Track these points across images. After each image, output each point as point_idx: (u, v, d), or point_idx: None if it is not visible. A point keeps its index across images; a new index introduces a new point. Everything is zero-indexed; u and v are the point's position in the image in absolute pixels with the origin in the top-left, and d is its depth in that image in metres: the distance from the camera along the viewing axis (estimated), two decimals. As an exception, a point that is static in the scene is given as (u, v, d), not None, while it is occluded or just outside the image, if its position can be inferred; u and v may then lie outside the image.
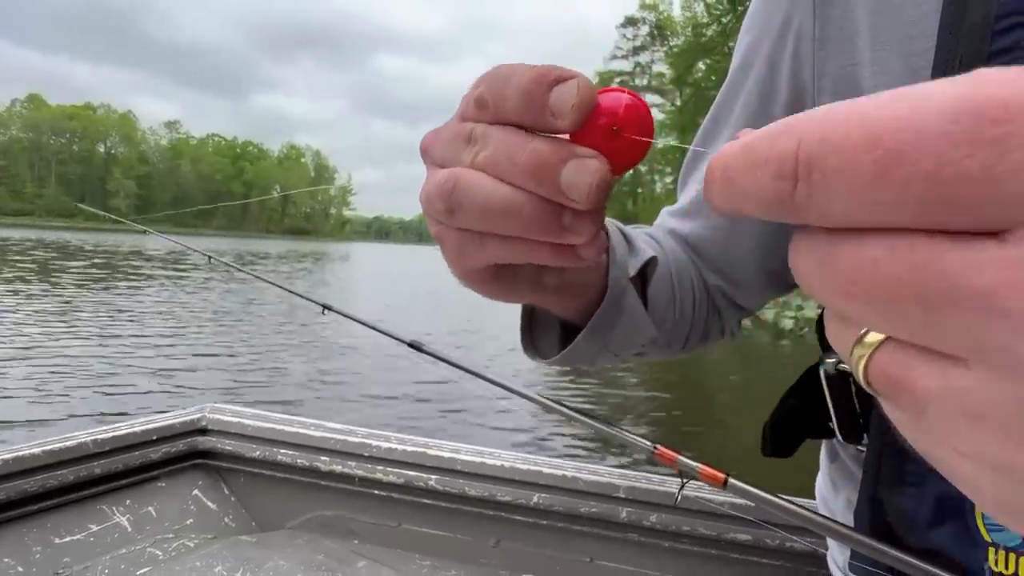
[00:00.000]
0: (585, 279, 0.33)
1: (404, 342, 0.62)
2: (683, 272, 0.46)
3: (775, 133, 0.12)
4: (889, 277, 0.10)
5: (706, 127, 0.47)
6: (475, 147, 0.21)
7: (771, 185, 0.11)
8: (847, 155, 0.10)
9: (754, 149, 0.12)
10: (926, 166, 0.09)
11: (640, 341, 0.40)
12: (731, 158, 0.12)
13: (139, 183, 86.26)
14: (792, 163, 0.11)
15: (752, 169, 0.12)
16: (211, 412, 0.91)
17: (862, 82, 0.36)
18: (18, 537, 0.71)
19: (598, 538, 0.78)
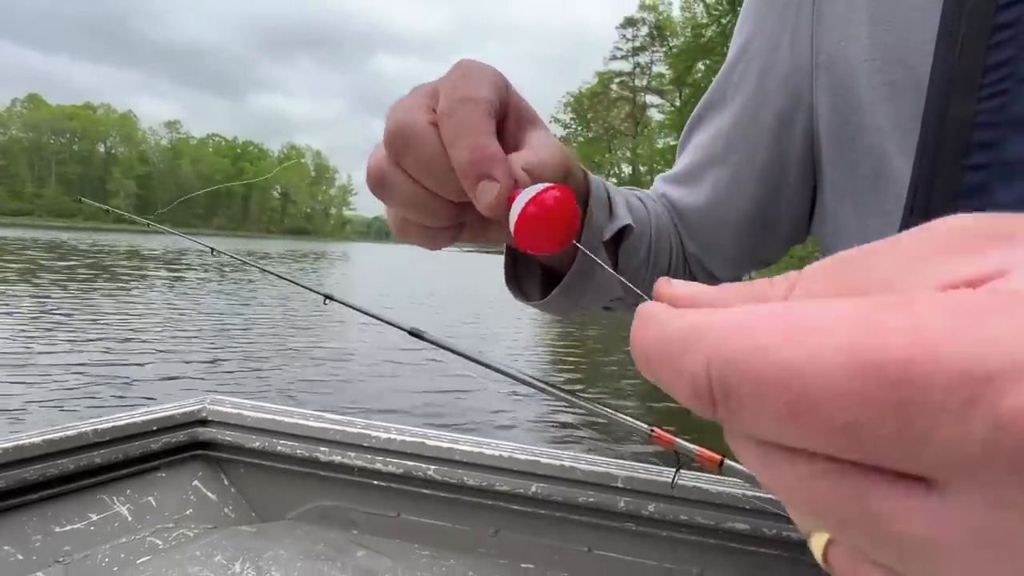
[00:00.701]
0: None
1: (404, 329, 0.63)
2: (663, 237, 0.47)
3: (685, 339, 0.11)
4: (824, 499, 0.10)
5: (707, 99, 0.48)
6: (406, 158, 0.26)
7: (691, 400, 0.11)
8: (758, 392, 0.10)
9: (667, 354, 0.11)
10: (837, 420, 0.09)
11: (607, 299, 0.44)
12: (649, 348, 0.12)
13: (139, 183, 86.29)
14: (706, 385, 0.11)
15: (670, 373, 0.12)
16: (211, 403, 0.92)
17: (854, 58, 0.36)
18: (19, 526, 0.71)
19: (596, 527, 0.78)
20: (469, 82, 0.25)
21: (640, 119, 42.70)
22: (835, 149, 0.39)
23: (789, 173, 0.43)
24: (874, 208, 0.36)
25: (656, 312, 0.13)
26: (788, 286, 0.12)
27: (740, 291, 0.13)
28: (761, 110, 0.42)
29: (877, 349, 0.09)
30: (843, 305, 0.10)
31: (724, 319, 0.11)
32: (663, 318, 0.12)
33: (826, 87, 0.38)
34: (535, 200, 0.23)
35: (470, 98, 0.25)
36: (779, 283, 0.12)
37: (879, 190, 0.36)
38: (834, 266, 0.12)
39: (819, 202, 0.43)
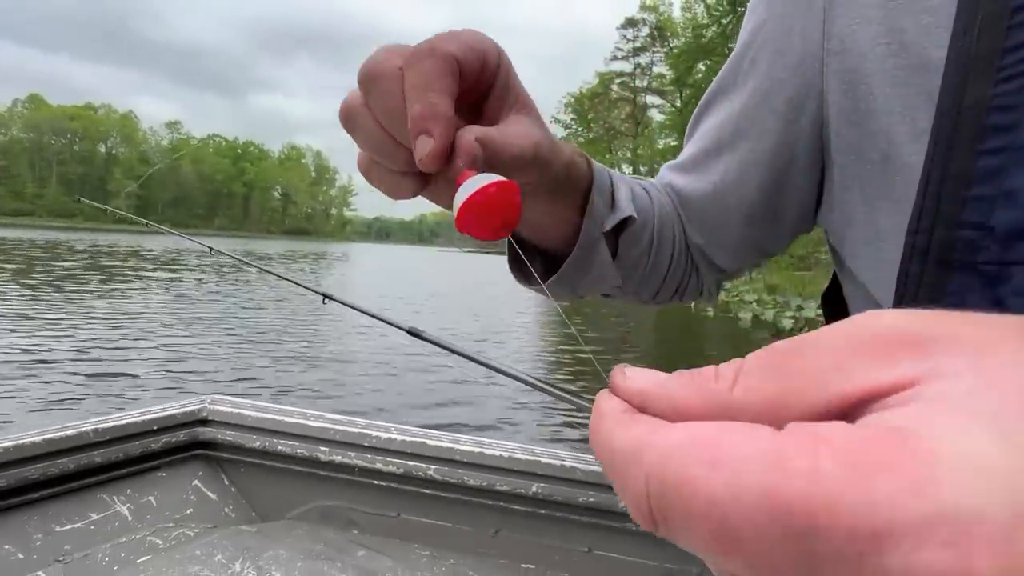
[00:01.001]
0: (555, 223, 0.38)
1: (403, 329, 0.63)
2: (665, 227, 0.47)
3: (627, 457, 0.12)
4: None
5: (716, 86, 0.47)
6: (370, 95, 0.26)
7: (636, 515, 0.12)
8: (688, 520, 0.11)
9: (613, 465, 0.13)
10: (752, 553, 0.10)
11: (604, 288, 0.44)
12: (601, 453, 0.14)
13: (139, 183, 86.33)
14: (646, 505, 0.12)
15: (616, 483, 0.13)
16: (212, 403, 0.92)
17: (865, 42, 0.36)
18: (19, 524, 0.71)
19: (597, 528, 0.78)
20: (445, 40, 0.25)
21: (641, 120, 42.72)
22: (844, 135, 0.38)
23: (797, 160, 0.42)
24: (883, 194, 0.36)
25: (608, 414, 0.14)
26: (732, 379, 0.13)
27: (688, 386, 0.14)
28: (771, 96, 0.42)
29: (784, 496, 0.10)
30: (761, 441, 0.11)
31: (662, 441, 0.12)
32: (612, 426, 0.14)
33: (837, 72, 0.38)
34: (479, 192, 0.24)
35: (436, 52, 0.25)
36: (723, 376, 0.14)
37: (888, 175, 0.35)
38: (770, 361, 0.13)
39: (827, 190, 0.42)
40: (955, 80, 0.29)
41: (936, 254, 0.30)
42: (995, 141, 0.28)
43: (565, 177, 0.35)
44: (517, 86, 0.29)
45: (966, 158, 0.28)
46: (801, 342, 0.13)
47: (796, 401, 0.12)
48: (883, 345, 0.11)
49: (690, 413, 0.13)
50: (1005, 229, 0.28)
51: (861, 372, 0.11)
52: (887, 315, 0.12)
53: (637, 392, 0.15)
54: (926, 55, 0.32)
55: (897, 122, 0.34)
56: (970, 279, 0.29)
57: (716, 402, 0.13)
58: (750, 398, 0.12)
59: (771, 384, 0.12)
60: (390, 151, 0.27)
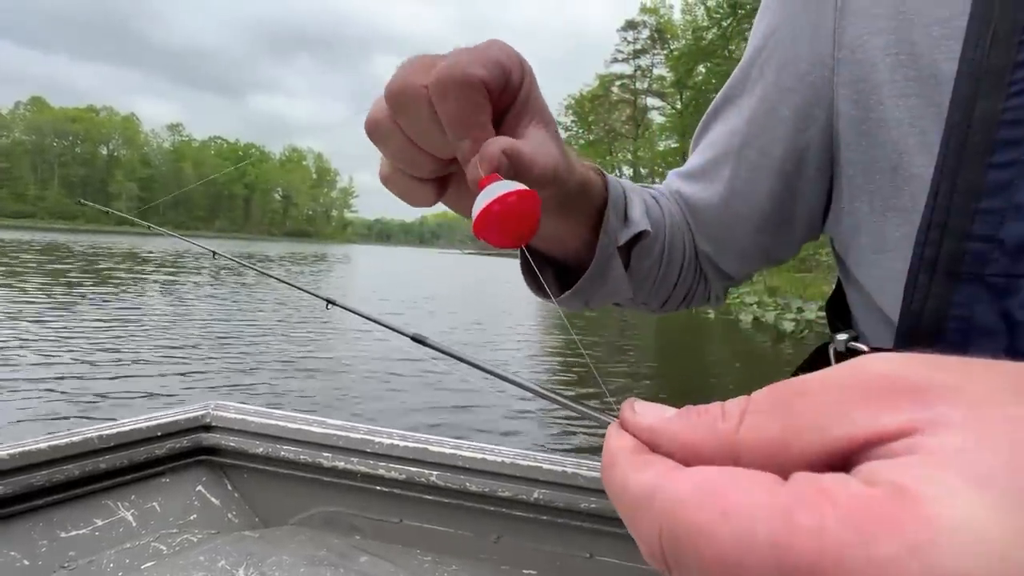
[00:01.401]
0: (567, 237, 0.39)
1: (407, 335, 0.63)
2: (676, 236, 0.47)
3: (640, 502, 0.13)
4: None
5: (724, 94, 0.47)
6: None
7: (649, 558, 0.13)
8: (700, 568, 0.11)
9: (627, 508, 0.14)
10: None
11: (616, 299, 0.45)
12: (614, 493, 0.14)
13: (141, 185, 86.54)
14: (659, 550, 0.12)
15: (630, 525, 0.14)
16: (215, 408, 0.92)
17: (875, 53, 0.36)
18: (24, 531, 0.72)
19: (598, 534, 0.79)
20: (472, 62, 0.25)
21: (641, 122, 42.76)
22: (853, 144, 0.39)
23: (807, 169, 0.42)
24: (891, 205, 0.36)
25: (619, 453, 0.15)
26: (738, 419, 0.14)
27: (696, 425, 0.14)
28: (780, 104, 0.42)
29: (792, 551, 0.10)
30: (769, 493, 0.11)
31: (673, 488, 0.13)
32: (625, 469, 0.14)
33: (847, 81, 0.38)
34: (499, 200, 0.24)
35: (467, 80, 0.25)
36: (730, 415, 0.14)
37: (897, 186, 0.36)
38: (774, 402, 0.14)
39: (834, 199, 0.42)
40: (965, 93, 0.29)
41: (944, 266, 0.30)
42: (1005, 155, 0.28)
43: (579, 194, 0.36)
44: (538, 99, 0.29)
45: (976, 171, 0.29)
46: (804, 384, 0.13)
47: (799, 444, 0.12)
48: (883, 391, 0.12)
49: (698, 452, 0.14)
50: (1014, 242, 0.28)
51: (862, 418, 0.12)
52: (887, 360, 0.12)
53: (646, 429, 0.15)
54: (936, 67, 0.33)
55: (906, 133, 0.34)
56: (978, 291, 0.29)
57: (723, 441, 0.13)
58: (755, 439, 0.13)
59: (775, 425, 0.13)
60: (416, 161, 0.28)
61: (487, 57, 0.26)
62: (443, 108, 0.25)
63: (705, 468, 0.13)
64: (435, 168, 0.29)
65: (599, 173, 0.40)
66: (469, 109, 0.25)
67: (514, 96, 0.28)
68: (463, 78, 0.25)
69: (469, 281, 19.64)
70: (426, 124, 0.26)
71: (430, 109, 0.26)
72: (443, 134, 0.26)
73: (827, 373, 0.13)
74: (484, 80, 0.25)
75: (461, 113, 0.25)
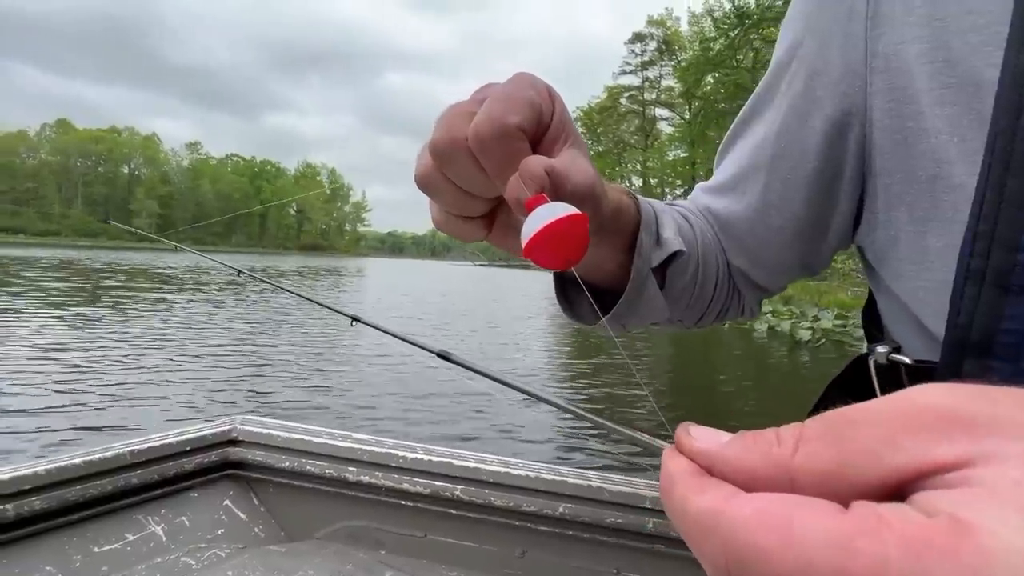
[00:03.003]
0: (601, 260, 0.39)
1: (433, 352, 0.64)
2: (709, 253, 0.47)
3: (704, 526, 0.14)
4: None
5: (751, 106, 0.47)
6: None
7: (715, 573, 0.13)
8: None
9: (690, 532, 0.14)
10: None
11: (653, 319, 0.45)
12: (675, 517, 0.15)
13: (161, 203, 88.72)
14: (724, 571, 0.13)
15: (694, 547, 0.14)
16: (242, 423, 0.93)
17: (911, 61, 0.35)
18: (59, 545, 0.73)
19: (625, 549, 0.78)
20: (507, 109, 0.26)
21: (650, 132, 42.81)
22: (890, 154, 0.38)
23: (841, 178, 0.42)
24: (932, 215, 0.36)
25: (678, 477, 0.15)
26: (793, 445, 0.14)
27: (751, 450, 0.15)
28: (811, 115, 0.42)
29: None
30: (830, 520, 0.12)
31: (735, 512, 0.13)
32: (685, 492, 0.15)
33: (881, 90, 0.38)
34: (553, 224, 0.24)
35: (505, 132, 0.26)
36: (785, 442, 0.15)
37: (936, 196, 0.35)
38: (829, 430, 0.14)
39: (867, 210, 0.41)
40: (1011, 100, 0.29)
41: (993, 278, 0.29)
42: None
43: (613, 218, 0.37)
44: (568, 122, 0.30)
45: (1022, 179, 0.28)
46: (857, 413, 0.14)
47: (853, 472, 0.13)
48: (937, 423, 0.12)
49: (754, 477, 0.14)
50: None
51: (916, 449, 0.12)
52: (938, 391, 0.13)
53: (702, 453, 0.16)
54: (976, 73, 0.32)
55: (946, 142, 0.34)
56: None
57: (778, 466, 0.14)
58: (810, 465, 0.14)
59: (830, 453, 0.13)
60: (467, 205, 0.30)
61: (519, 102, 0.27)
62: (485, 160, 0.27)
63: (764, 494, 0.13)
64: (485, 208, 0.31)
65: (630, 196, 0.40)
66: (509, 157, 0.26)
67: (547, 127, 0.29)
68: (502, 130, 0.26)
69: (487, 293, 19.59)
70: (472, 172, 0.28)
71: (473, 159, 0.27)
72: (488, 179, 0.28)
73: (879, 403, 0.14)
74: (520, 127, 0.26)
75: (503, 162, 0.27)
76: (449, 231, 0.32)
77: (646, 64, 41.94)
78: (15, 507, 0.70)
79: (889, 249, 0.40)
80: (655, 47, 41.31)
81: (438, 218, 0.31)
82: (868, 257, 0.44)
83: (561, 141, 0.29)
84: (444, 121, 0.28)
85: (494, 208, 0.31)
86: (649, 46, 41.52)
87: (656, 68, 41.84)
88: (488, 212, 0.31)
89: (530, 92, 0.27)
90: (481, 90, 0.29)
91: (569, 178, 0.28)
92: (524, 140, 0.27)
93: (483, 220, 0.31)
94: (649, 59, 41.76)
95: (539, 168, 0.26)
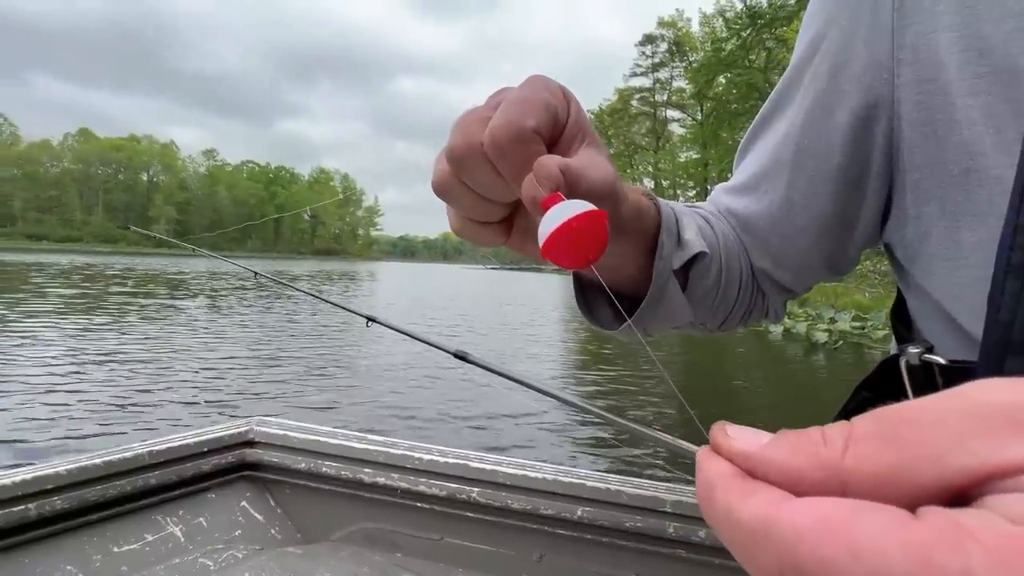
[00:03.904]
0: (621, 262, 0.39)
1: (449, 352, 0.63)
2: (732, 256, 0.46)
3: (756, 535, 0.13)
4: None
5: (772, 103, 0.46)
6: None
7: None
8: None
9: (739, 541, 0.13)
10: None
11: (676, 324, 0.44)
12: (719, 525, 0.14)
13: (178, 209, 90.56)
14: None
15: (742, 558, 0.13)
16: (258, 424, 0.94)
17: (941, 51, 0.34)
18: (80, 545, 0.74)
19: (644, 554, 0.76)
20: (523, 111, 0.26)
21: (661, 134, 42.63)
22: (919, 147, 0.37)
23: (868, 173, 0.41)
24: (965, 209, 0.35)
25: (718, 480, 0.14)
26: (842, 446, 0.13)
27: (796, 451, 0.14)
28: (836, 109, 0.41)
29: None
30: (903, 530, 0.11)
31: (791, 520, 0.12)
32: (728, 496, 0.14)
33: (910, 82, 0.37)
34: (570, 221, 0.24)
35: (521, 135, 0.26)
36: (832, 442, 0.13)
37: (970, 189, 0.34)
38: (883, 429, 0.13)
39: (896, 205, 0.40)
40: None
41: None
42: None
43: (633, 219, 0.36)
44: (585, 122, 0.29)
45: None
46: (912, 412, 0.13)
47: (911, 474, 0.12)
48: (1005, 421, 0.11)
49: (800, 480, 0.13)
50: None
51: (986, 450, 0.11)
52: (1000, 387, 0.12)
53: (742, 454, 0.15)
54: (1011, 62, 0.31)
55: (980, 133, 0.33)
56: None
57: (827, 469, 0.13)
58: (864, 467, 0.12)
59: (886, 455, 0.12)
60: (485, 210, 0.30)
61: (534, 104, 0.27)
62: (502, 164, 0.26)
63: (821, 499, 0.12)
64: (503, 212, 0.30)
65: (650, 198, 0.40)
66: (526, 160, 0.26)
67: (563, 128, 0.28)
68: (518, 134, 0.26)
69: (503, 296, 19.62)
70: (489, 177, 0.27)
71: (490, 164, 0.27)
72: (506, 183, 0.27)
73: (935, 401, 0.12)
74: (536, 129, 0.26)
75: (520, 166, 0.26)
76: (467, 236, 0.32)
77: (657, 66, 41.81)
78: (37, 507, 0.70)
79: (920, 246, 0.39)
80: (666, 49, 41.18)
81: (456, 224, 0.31)
82: (897, 255, 0.42)
83: (578, 141, 0.29)
84: (460, 127, 0.27)
85: (512, 213, 0.31)
86: (660, 48, 41.40)
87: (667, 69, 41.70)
88: (506, 217, 0.31)
89: (545, 94, 0.27)
90: (496, 94, 0.28)
91: (585, 177, 0.27)
92: (540, 143, 0.26)
93: (501, 225, 0.31)
94: (660, 61, 41.63)
95: (553, 167, 0.25)
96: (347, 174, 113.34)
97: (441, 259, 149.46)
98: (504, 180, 0.27)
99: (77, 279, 17.40)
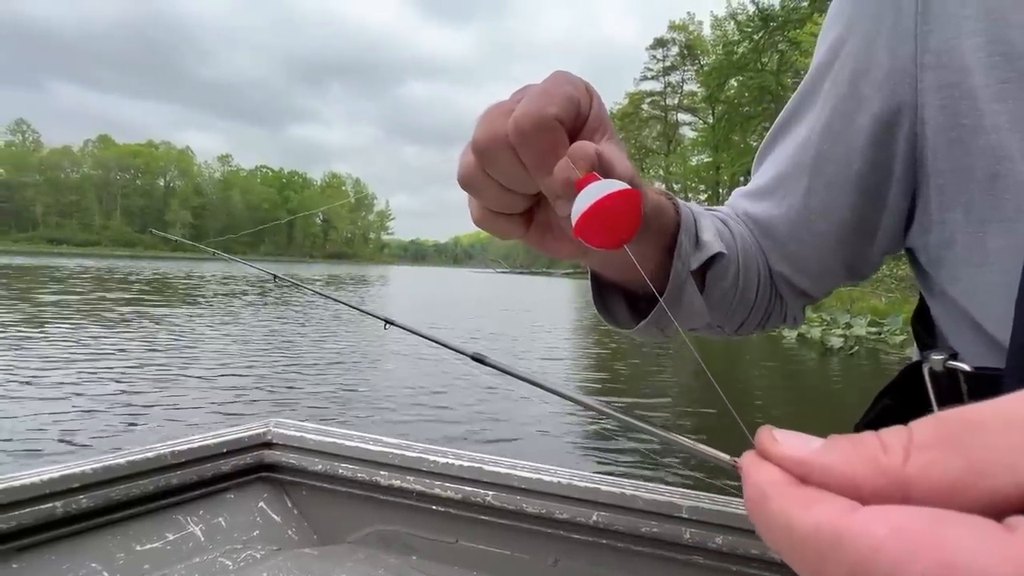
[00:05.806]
0: (643, 260, 0.38)
1: (467, 355, 0.64)
2: (750, 258, 0.46)
3: (823, 548, 0.12)
4: None
5: (792, 108, 0.46)
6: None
7: None
8: None
9: (802, 555, 0.12)
10: None
11: (692, 326, 0.44)
12: (776, 538, 0.13)
13: (193, 214, 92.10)
14: None
15: (805, 571, 0.12)
16: (275, 426, 0.95)
17: (966, 56, 0.34)
18: (103, 544, 0.75)
19: (660, 559, 0.76)
20: (545, 103, 0.27)
21: (672, 137, 42.44)
22: (944, 153, 0.37)
23: (890, 179, 0.40)
24: (991, 215, 0.34)
25: (771, 489, 0.13)
26: (903, 453, 0.12)
27: (853, 458, 0.13)
28: (857, 114, 0.40)
29: None
30: (999, 544, 0.10)
31: (866, 531, 0.11)
32: (784, 505, 0.13)
33: (933, 87, 0.36)
34: (605, 198, 0.24)
35: (544, 124, 0.26)
36: (892, 449, 0.13)
37: (997, 194, 0.34)
38: (948, 437, 0.12)
39: (920, 211, 0.40)
40: None
41: None
42: None
43: (652, 217, 0.36)
44: (606, 119, 0.30)
45: None
46: (978, 417, 0.12)
47: (985, 483, 0.11)
48: None
49: (858, 488, 0.13)
50: None
51: None
52: None
53: (795, 461, 0.14)
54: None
55: (1006, 138, 0.33)
56: None
57: (887, 476, 0.12)
58: (930, 475, 0.12)
59: (955, 462, 0.12)
60: (509, 202, 0.30)
61: (557, 94, 0.27)
62: (525, 152, 0.27)
63: (895, 507, 0.12)
64: (525, 204, 0.31)
65: (669, 197, 0.40)
66: (549, 148, 0.27)
67: (585, 120, 0.29)
68: (541, 121, 0.26)
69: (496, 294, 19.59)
70: (514, 169, 0.28)
71: (515, 155, 0.27)
72: (528, 174, 0.28)
73: (1003, 406, 0.12)
74: (559, 118, 0.27)
75: (543, 154, 0.27)
76: (489, 228, 0.32)
77: (668, 69, 41.68)
78: (64, 505, 0.72)
79: (944, 251, 0.38)
80: (677, 52, 41.04)
81: (478, 216, 0.32)
82: (920, 260, 0.42)
83: (599, 135, 0.29)
84: (484, 119, 0.28)
85: (531, 208, 0.32)
86: (671, 51, 41.28)
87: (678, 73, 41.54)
88: (526, 211, 0.32)
89: (567, 87, 0.28)
90: (520, 91, 0.29)
91: (615, 165, 0.28)
92: (562, 131, 0.27)
93: (522, 217, 0.32)
94: (671, 64, 41.49)
95: (591, 148, 0.26)
96: (359, 178, 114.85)
97: (451, 263, 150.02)
98: (527, 171, 0.28)
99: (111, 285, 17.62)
